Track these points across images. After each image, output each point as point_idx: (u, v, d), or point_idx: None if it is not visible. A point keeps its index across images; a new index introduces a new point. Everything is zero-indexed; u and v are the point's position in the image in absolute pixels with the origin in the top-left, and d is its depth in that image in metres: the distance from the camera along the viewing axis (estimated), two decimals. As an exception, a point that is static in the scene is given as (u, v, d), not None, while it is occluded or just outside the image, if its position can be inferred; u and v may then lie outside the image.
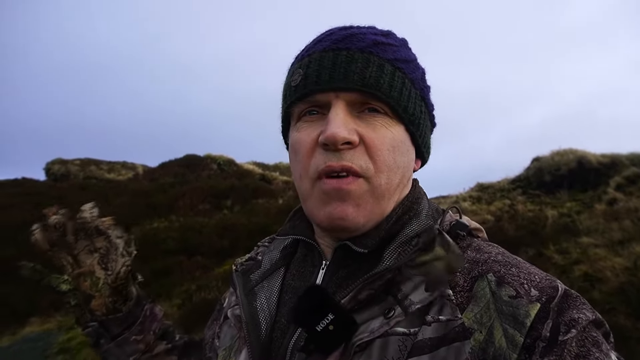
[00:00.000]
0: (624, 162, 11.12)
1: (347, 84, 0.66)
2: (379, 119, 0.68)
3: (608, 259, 6.78)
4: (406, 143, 0.71)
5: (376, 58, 0.67)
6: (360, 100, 0.67)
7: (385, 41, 0.70)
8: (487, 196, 12.20)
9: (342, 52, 0.67)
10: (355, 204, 0.66)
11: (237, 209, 12.85)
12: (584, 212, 9.36)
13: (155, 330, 0.89)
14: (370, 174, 0.66)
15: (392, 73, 0.68)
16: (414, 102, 0.71)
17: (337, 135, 0.64)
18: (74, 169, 18.78)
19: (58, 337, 7.08)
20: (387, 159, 0.67)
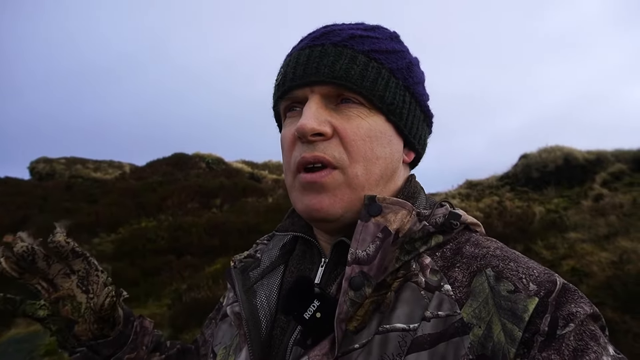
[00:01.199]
0: (609, 158, 11.31)
1: (318, 77, 0.67)
2: (353, 109, 0.68)
3: (595, 254, 6.89)
4: (387, 133, 0.70)
5: (349, 50, 0.68)
6: (334, 92, 0.68)
7: (363, 34, 0.71)
8: (475, 193, 12.31)
9: (317, 48, 0.69)
10: (330, 194, 0.67)
11: (227, 208, 12.80)
12: (571, 208, 9.50)
13: (147, 345, 0.88)
14: (345, 164, 0.67)
15: (366, 64, 0.68)
16: (393, 92, 0.70)
17: (306, 126, 0.65)
18: (59, 167, 18.53)
19: (44, 339, 6.99)
20: (361, 148, 0.67)
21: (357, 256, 0.62)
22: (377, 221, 0.64)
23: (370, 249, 0.63)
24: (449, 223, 0.68)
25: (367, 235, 0.63)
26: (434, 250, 0.67)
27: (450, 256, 0.66)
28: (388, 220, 0.64)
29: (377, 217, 0.64)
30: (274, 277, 0.78)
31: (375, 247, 0.63)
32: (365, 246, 0.63)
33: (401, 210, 0.66)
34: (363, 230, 0.64)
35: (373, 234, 0.63)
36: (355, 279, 0.61)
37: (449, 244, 0.68)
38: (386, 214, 0.65)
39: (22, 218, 12.28)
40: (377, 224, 0.64)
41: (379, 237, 0.63)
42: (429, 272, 0.64)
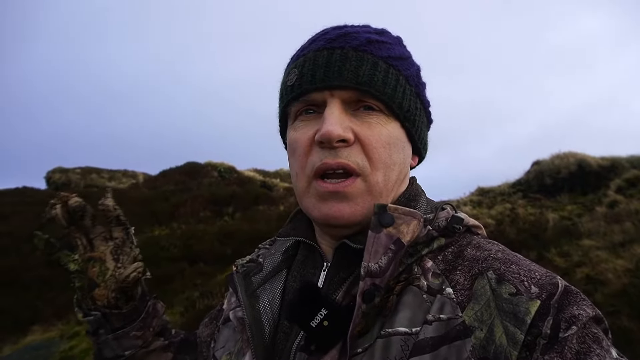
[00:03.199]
0: (624, 164, 11.10)
1: (341, 82, 0.66)
2: (374, 116, 0.68)
3: (610, 261, 6.75)
4: (402, 140, 0.72)
5: (370, 56, 0.68)
6: (355, 98, 0.68)
7: (379, 39, 0.71)
8: (487, 200, 12.17)
9: (337, 51, 0.68)
10: (352, 203, 0.67)
11: (239, 216, 12.83)
12: (585, 214, 9.34)
13: (155, 327, 0.89)
14: (367, 171, 0.67)
15: (386, 70, 0.69)
16: (409, 99, 0.71)
17: (333, 132, 0.65)
18: (74, 177, 18.78)
19: (60, 346, 7.06)
20: (382, 156, 0.68)
21: (370, 269, 0.61)
22: (389, 232, 0.63)
23: (383, 261, 0.62)
24: (452, 227, 0.68)
25: (380, 247, 0.63)
26: (436, 253, 0.67)
27: (451, 259, 0.66)
28: (401, 232, 0.64)
29: (390, 229, 0.63)
30: (276, 282, 0.78)
31: (388, 259, 0.62)
32: (378, 258, 0.62)
33: (413, 221, 0.65)
34: (375, 241, 0.63)
35: (385, 245, 0.63)
36: (367, 292, 0.61)
37: (450, 247, 0.68)
38: (399, 225, 0.64)
39: (39, 227, 12.43)
40: (390, 235, 0.63)
41: (391, 249, 0.63)
42: (431, 276, 0.64)
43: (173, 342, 0.92)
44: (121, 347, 0.85)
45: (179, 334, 0.96)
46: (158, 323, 0.90)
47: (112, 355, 0.85)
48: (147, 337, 0.87)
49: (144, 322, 0.87)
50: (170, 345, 0.91)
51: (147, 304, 0.89)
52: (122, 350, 0.85)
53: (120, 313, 0.85)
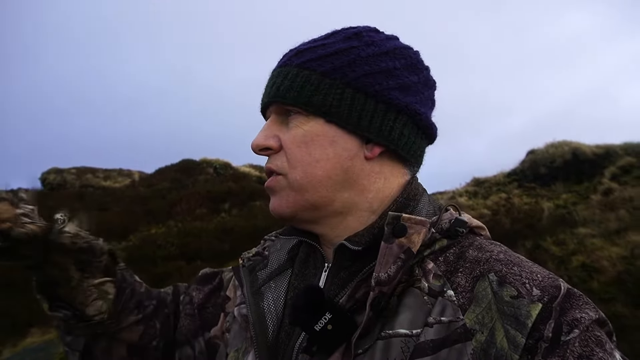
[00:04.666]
0: (618, 152, 11.17)
1: (266, 99, 0.76)
2: (294, 120, 0.72)
3: (605, 249, 6.81)
4: (328, 135, 0.71)
5: (285, 68, 0.74)
6: (280, 109, 0.74)
7: (308, 47, 0.74)
8: (483, 191, 12.22)
9: (272, 73, 0.77)
10: (278, 196, 0.74)
11: (235, 212, 12.83)
12: (580, 203, 9.41)
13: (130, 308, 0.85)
14: (285, 170, 0.72)
15: (295, 75, 0.72)
16: (324, 93, 0.70)
17: (252, 143, 0.75)
18: (70, 177, 18.67)
19: (59, 348, 7.05)
20: (297, 154, 0.71)
21: (380, 279, 0.62)
22: (400, 242, 0.64)
23: (392, 269, 0.63)
24: (455, 229, 0.68)
25: (390, 257, 0.63)
26: (437, 255, 0.67)
27: (453, 261, 0.66)
28: (412, 242, 0.64)
29: (402, 239, 0.64)
30: (281, 281, 0.78)
31: (397, 268, 0.63)
32: (387, 268, 0.63)
33: (423, 230, 0.65)
34: (387, 252, 0.64)
35: (396, 255, 0.63)
36: (376, 301, 0.62)
37: (452, 248, 0.68)
38: (411, 234, 0.64)
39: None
40: (401, 245, 0.64)
41: (401, 257, 0.63)
42: (432, 278, 0.64)
43: (146, 315, 0.88)
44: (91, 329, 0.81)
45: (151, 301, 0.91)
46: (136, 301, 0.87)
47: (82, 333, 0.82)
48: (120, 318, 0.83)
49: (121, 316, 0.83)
50: (142, 319, 0.87)
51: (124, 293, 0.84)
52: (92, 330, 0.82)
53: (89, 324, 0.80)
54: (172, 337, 0.91)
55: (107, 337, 0.83)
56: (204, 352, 0.88)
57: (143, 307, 0.88)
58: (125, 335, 0.85)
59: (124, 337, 0.85)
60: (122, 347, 0.85)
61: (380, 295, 0.62)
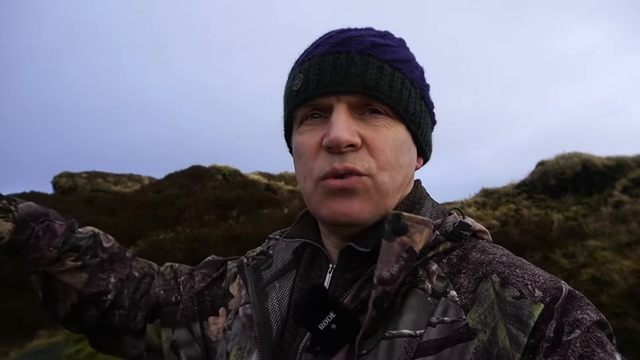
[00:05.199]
0: (630, 164, 11.04)
1: (348, 87, 0.67)
2: (380, 120, 0.69)
3: (616, 262, 6.72)
4: (407, 142, 0.72)
5: (375, 60, 0.69)
6: (361, 102, 0.68)
7: (383, 42, 0.71)
8: (492, 201, 12.13)
9: (342, 55, 0.68)
10: (360, 199, 0.68)
11: (243, 219, 12.85)
12: (590, 215, 9.30)
13: (55, 246, 0.85)
14: (374, 172, 0.68)
15: (392, 74, 0.69)
16: (414, 102, 0.72)
17: (341, 138, 0.65)
18: (81, 181, 18.88)
19: (66, 350, 7.09)
20: (389, 158, 0.69)
21: (382, 277, 0.62)
22: (402, 241, 0.64)
23: (394, 268, 0.62)
24: (459, 232, 0.69)
25: (392, 255, 0.63)
26: (441, 257, 0.67)
27: (456, 262, 0.66)
28: (414, 241, 0.64)
29: (403, 237, 0.64)
30: (286, 281, 0.78)
31: (399, 267, 0.63)
32: (390, 266, 0.63)
33: (426, 229, 0.66)
34: (388, 250, 0.63)
35: (398, 254, 0.63)
36: (378, 300, 0.62)
37: (455, 250, 0.68)
38: (413, 234, 0.65)
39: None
40: (403, 244, 0.64)
41: (403, 257, 0.63)
42: (436, 279, 0.65)
43: (87, 263, 0.88)
44: (28, 265, 0.84)
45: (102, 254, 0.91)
46: (59, 242, 0.86)
47: (28, 270, 0.85)
48: (49, 256, 0.84)
49: (34, 248, 0.84)
50: (84, 267, 0.87)
51: (33, 231, 0.84)
52: (31, 267, 0.84)
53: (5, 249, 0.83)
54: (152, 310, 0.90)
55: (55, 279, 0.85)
56: (200, 339, 0.88)
57: (87, 254, 0.88)
58: (67, 279, 0.85)
59: (67, 281, 0.85)
60: (73, 293, 0.86)
61: (383, 294, 0.62)
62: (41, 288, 0.86)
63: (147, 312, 0.91)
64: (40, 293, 0.87)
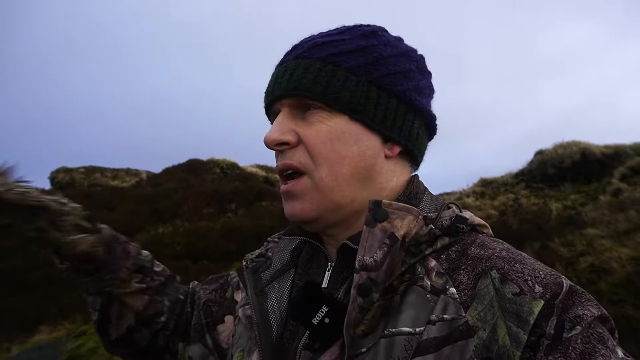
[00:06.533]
0: (628, 152, 11.07)
1: (281, 92, 0.72)
2: (315, 115, 0.71)
3: (614, 250, 6.75)
4: (353, 132, 0.71)
5: (306, 61, 0.72)
6: (297, 103, 0.72)
7: (326, 40, 0.73)
8: (490, 191, 12.16)
9: (284, 64, 0.74)
10: (300, 201, 0.72)
11: (242, 212, 12.87)
12: (589, 203, 9.33)
13: (128, 267, 0.90)
14: (310, 168, 0.70)
15: (320, 69, 0.70)
16: (351, 90, 0.70)
17: (267, 138, 0.72)
18: (78, 177, 18.85)
19: (67, 345, 7.11)
20: (323, 151, 0.69)
21: (365, 263, 0.62)
22: (383, 227, 0.64)
23: (378, 255, 0.63)
24: (456, 226, 0.68)
25: (374, 241, 0.64)
26: (440, 253, 0.67)
27: (455, 258, 0.66)
28: (395, 227, 0.65)
29: (384, 223, 0.65)
30: (285, 281, 0.79)
31: (383, 253, 0.63)
32: (373, 252, 0.63)
33: (408, 216, 0.66)
34: (370, 236, 0.64)
35: (380, 240, 0.64)
36: (363, 286, 0.62)
37: (454, 246, 0.68)
38: (393, 219, 0.65)
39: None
40: (384, 229, 0.64)
41: (386, 243, 0.63)
42: (435, 275, 0.64)
43: (151, 286, 0.94)
44: (98, 286, 0.88)
45: (162, 275, 0.98)
46: (132, 263, 0.91)
47: (94, 291, 0.89)
48: (121, 277, 0.89)
49: (113, 267, 0.88)
50: (148, 289, 0.93)
51: (114, 252, 0.89)
52: (100, 288, 0.88)
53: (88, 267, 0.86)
54: (185, 329, 0.96)
55: (117, 300, 0.89)
56: (214, 350, 0.91)
57: (148, 276, 0.94)
58: (131, 301, 0.90)
59: (129, 303, 0.90)
60: (131, 314, 0.90)
61: (369, 282, 0.62)
62: (100, 309, 0.90)
63: (182, 332, 0.96)
64: (97, 314, 0.90)
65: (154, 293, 0.94)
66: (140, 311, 0.91)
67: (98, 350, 6.37)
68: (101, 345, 1.06)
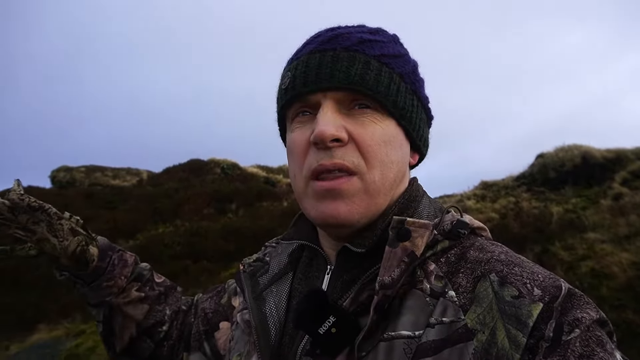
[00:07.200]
0: (629, 156, 11.06)
1: (333, 83, 0.67)
2: (367, 114, 0.68)
3: (615, 254, 6.74)
4: (398, 137, 0.71)
5: (362, 55, 0.68)
6: (348, 98, 0.68)
7: (372, 38, 0.71)
8: (491, 194, 12.14)
9: (328, 53, 0.69)
10: (348, 202, 0.67)
11: (242, 213, 12.87)
12: (590, 207, 9.32)
13: (126, 275, 0.93)
14: (363, 170, 0.67)
15: (379, 69, 0.69)
16: (403, 96, 0.71)
17: (325, 132, 0.65)
18: (79, 176, 18.87)
19: (66, 344, 7.12)
20: (378, 154, 0.68)
21: (384, 283, 0.62)
22: (404, 246, 0.64)
23: (395, 273, 0.62)
24: (457, 231, 0.68)
25: (394, 261, 0.63)
26: (439, 256, 0.67)
27: (454, 261, 0.66)
28: (416, 245, 0.64)
29: (406, 243, 0.64)
30: (283, 285, 0.78)
31: (400, 271, 0.63)
32: (391, 271, 0.63)
33: (426, 232, 0.65)
34: (391, 257, 0.63)
35: (399, 259, 0.63)
36: (380, 304, 0.62)
37: (453, 249, 0.68)
38: (415, 238, 0.64)
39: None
40: (405, 249, 0.64)
41: (404, 261, 0.63)
42: (434, 279, 0.64)
43: (149, 295, 0.96)
44: (99, 295, 0.91)
45: (161, 285, 1.00)
46: (129, 271, 0.95)
47: (95, 302, 0.92)
48: (120, 284, 0.92)
49: (111, 274, 0.92)
50: (146, 298, 0.95)
51: (111, 258, 0.93)
52: (101, 297, 0.91)
53: (86, 273, 0.90)
54: (188, 339, 0.96)
55: (119, 310, 0.91)
56: (212, 357, 0.91)
57: (147, 285, 0.96)
58: (131, 310, 0.92)
59: (130, 312, 0.92)
60: (132, 325, 0.93)
61: (384, 298, 0.62)
62: (104, 321, 0.92)
63: (185, 342, 0.97)
64: (102, 326, 0.93)
65: (153, 302, 0.95)
66: (141, 320, 0.93)
67: (96, 349, 6.37)
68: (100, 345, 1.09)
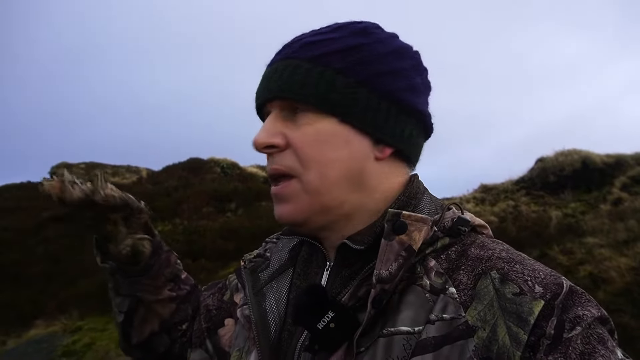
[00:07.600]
0: (629, 161, 11.06)
1: (271, 94, 0.71)
2: (303, 117, 0.69)
3: (613, 259, 6.75)
4: (342, 135, 0.69)
5: (294, 61, 0.70)
6: (286, 105, 0.70)
7: (317, 39, 0.70)
8: (490, 197, 12.15)
9: (274, 65, 0.73)
10: (290, 204, 0.70)
11: (241, 212, 12.87)
12: (589, 212, 9.33)
13: (166, 276, 0.93)
14: (299, 172, 0.69)
15: (308, 70, 0.68)
16: (339, 92, 0.68)
17: (256, 141, 0.71)
18: (78, 172, 18.83)
19: (63, 340, 7.11)
20: (310, 154, 0.68)
21: (381, 276, 0.62)
22: (401, 239, 0.64)
23: (393, 267, 0.62)
24: (457, 228, 0.68)
25: (391, 254, 0.63)
26: (439, 253, 0.67)
27: (455, 258, 0.66)
28: (413, 239, 0.64)
29: (402, 236, 0.64)
30: (283, 280, 0.79)
31: (398, 266, 0.63)
32: (389, 265, 0.63)
33: (424, 227, 0.65)
34: (387, 250, 0.63)
35: (397, 252, 0.63)
36: (377, 298, 0.62)
37: (454, 246, 0.68)
38: (411, 232, 0.64)
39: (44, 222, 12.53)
40: (402, 242, 0.64)
41: (402, 255, 0.63)
42: (434, 275, 0.64)
43: (179, 295, 0.96)
44: (133, 289, 0.89)
45: (187, 283, 0.99)
46: (170, 271, 0.94)
47: (127, 293, 0.90)
48: (158, 283, 0.91)
49: (156, 273, 0.91)
50: (176, 298, 0.95)
51: (160, 257, 0.92)
52: (134, 291, 0.89)
53: (133, 268, 0.88)
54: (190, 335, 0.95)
55: (145, 306, 0.90)
56: (214, 354, 0.89)
57: (178, 285, 0.96)
58: (159, 309, 0.92)
59: (158, 310, 0.92)
60: (156, 321, 0.92)
61: (382, 293, 0.62)
62: (127, 312, 0.91)
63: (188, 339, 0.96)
64: (123, 316, 0.91)
65: (181, 301, 0.95)
66: (166, 318, 0.92)
67: (93, 346, 6.37)
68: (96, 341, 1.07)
